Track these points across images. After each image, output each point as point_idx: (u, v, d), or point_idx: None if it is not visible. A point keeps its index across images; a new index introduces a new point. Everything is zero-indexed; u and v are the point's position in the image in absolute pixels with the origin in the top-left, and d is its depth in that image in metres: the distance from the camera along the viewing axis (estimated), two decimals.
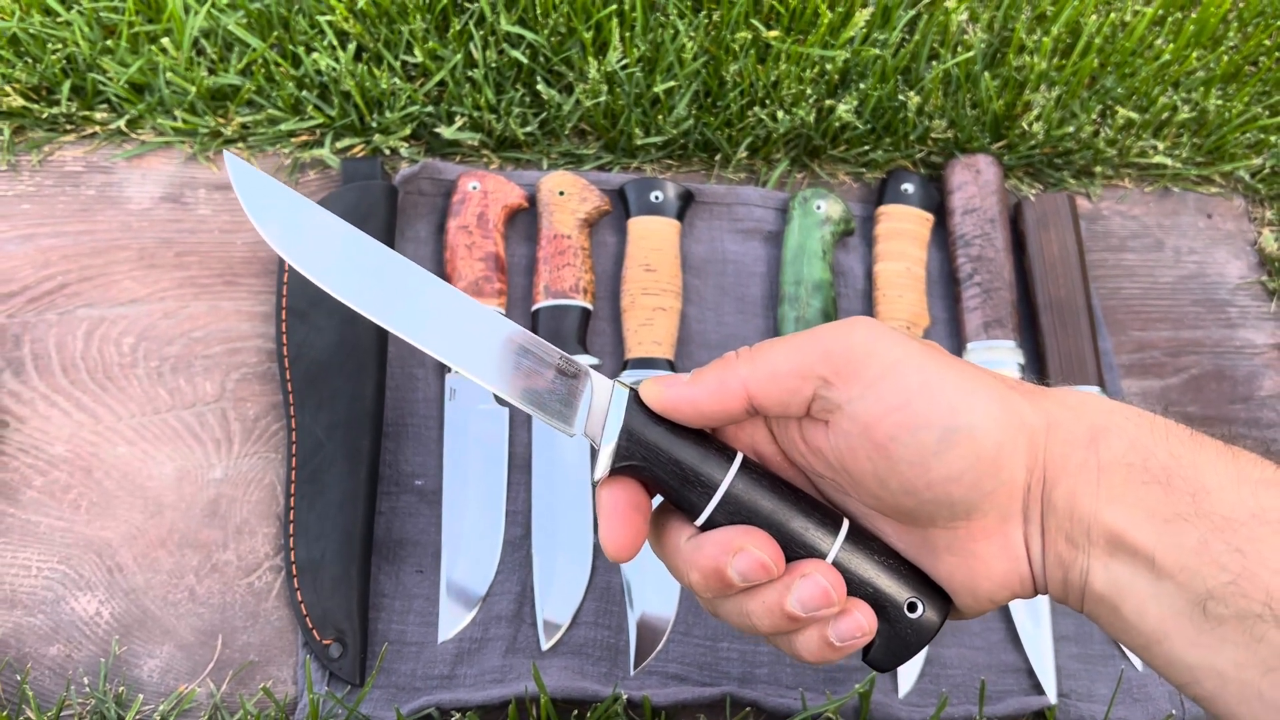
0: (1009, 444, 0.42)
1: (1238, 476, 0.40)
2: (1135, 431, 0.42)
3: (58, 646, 0.71)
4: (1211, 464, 0.41)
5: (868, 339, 0.43)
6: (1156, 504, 0.40)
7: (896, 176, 0.91)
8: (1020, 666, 0.75)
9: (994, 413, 0.42)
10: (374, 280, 0.47)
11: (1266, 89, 0.99)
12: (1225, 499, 0.39)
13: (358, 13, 0.91)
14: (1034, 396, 0.44)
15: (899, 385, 0.42)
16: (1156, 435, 0.42)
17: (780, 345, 0.45)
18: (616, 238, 0.89)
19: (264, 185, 0.49)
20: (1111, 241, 0.94)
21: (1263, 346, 0.90)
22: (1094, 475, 0.42)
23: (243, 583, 0.74)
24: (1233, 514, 0.39)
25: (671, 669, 0.73)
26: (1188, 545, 0.39)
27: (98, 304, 0.82)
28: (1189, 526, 0.39)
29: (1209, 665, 0.39)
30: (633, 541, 0.46)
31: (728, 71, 0.91)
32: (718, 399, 0.45)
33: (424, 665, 0.72)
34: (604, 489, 0.47)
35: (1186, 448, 0.41)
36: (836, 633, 0.44)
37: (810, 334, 0.44)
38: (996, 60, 0.97)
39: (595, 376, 0.48)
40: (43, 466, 0.76)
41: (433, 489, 0.78)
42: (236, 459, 0.78)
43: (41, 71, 0.88)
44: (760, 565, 0.44)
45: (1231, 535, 0.39)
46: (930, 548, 0.45)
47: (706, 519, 0.46)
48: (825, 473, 0.47)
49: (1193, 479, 0.40)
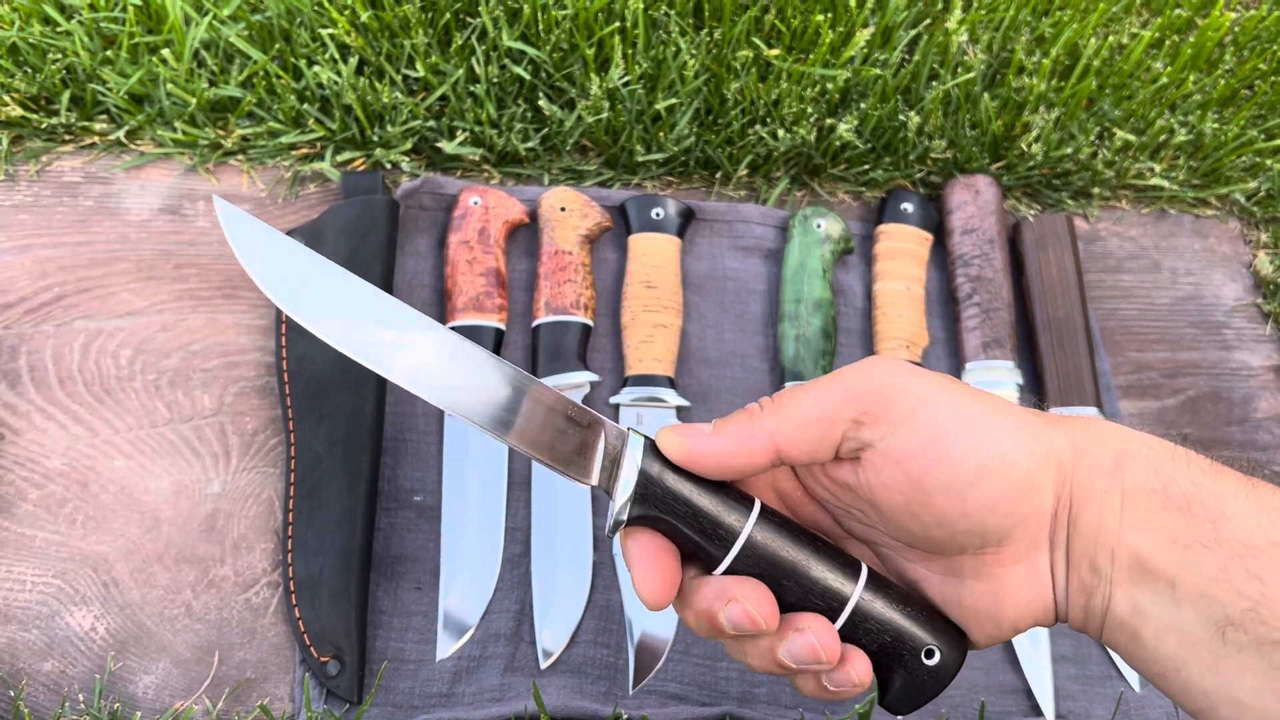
0: (1040, 471, 0.42)
1: (1258, 505, 0.41)
2: (1157, 458, 0.43)
3: (52, 662, 0.70)
4: (1232, 492, 0.41)
5: (892, 376, 0.44)
6: (1178, 530, 0.41)
7: (896, 196, 0.91)
8: (1019, 687, 0.75)
9: (1025, 441, 0.42)
10: (371, 327, 0.46)
11: (1262, 113, 1.00)
12: (1245, 526, 0.40)
13: (360, 26, 0.91)
14: (1060, 424, 0.44)
15: (931, 419, 0.42)
16: (1178, 463, 0.42)
17: (804, 393, 0.45)
18: (617, 254, 0.89)
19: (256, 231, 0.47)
20: (1109, 262, 0.94)
21: (1258, 369, 0.90)
22: (1118, 501, 0.42)
23: (240, 598, 0.73)
24: (1252, 541, 0.39)
25: (671, 688, 0.72)
26: (1208, 571, 0.40)
27: (95, 316, 0.82)
28: (1209, 553, 0.40)
29: (1226, 692, 0.39)
30: (670, 587, 0.46)
31: (729, 89, 0.92)
32: (744, 453, 0.45)
33: (422, 683, 0.71)
34: (630, 538, 0.46)
35: (1207, 476, 0.42)
36: (831, 681, 0.45)
37: (832, 378, 0.45)
38: (996, 81, 0.98)
39: (609, 425, 0.47)
40: (38, 480, 0.76)
41: (432, 505, 0.77)
42: (234, 473, 0.77)
43: (41, 81, 0.88)
44: (749, 619, 0.44)
45: (1251, 562, 0.39)
46: (956, 574, 0.45)
47: (726, 568, 0.46)
48: (851, 506, 0.47)
49: (1213, 506, 0.41)
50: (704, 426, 0.46)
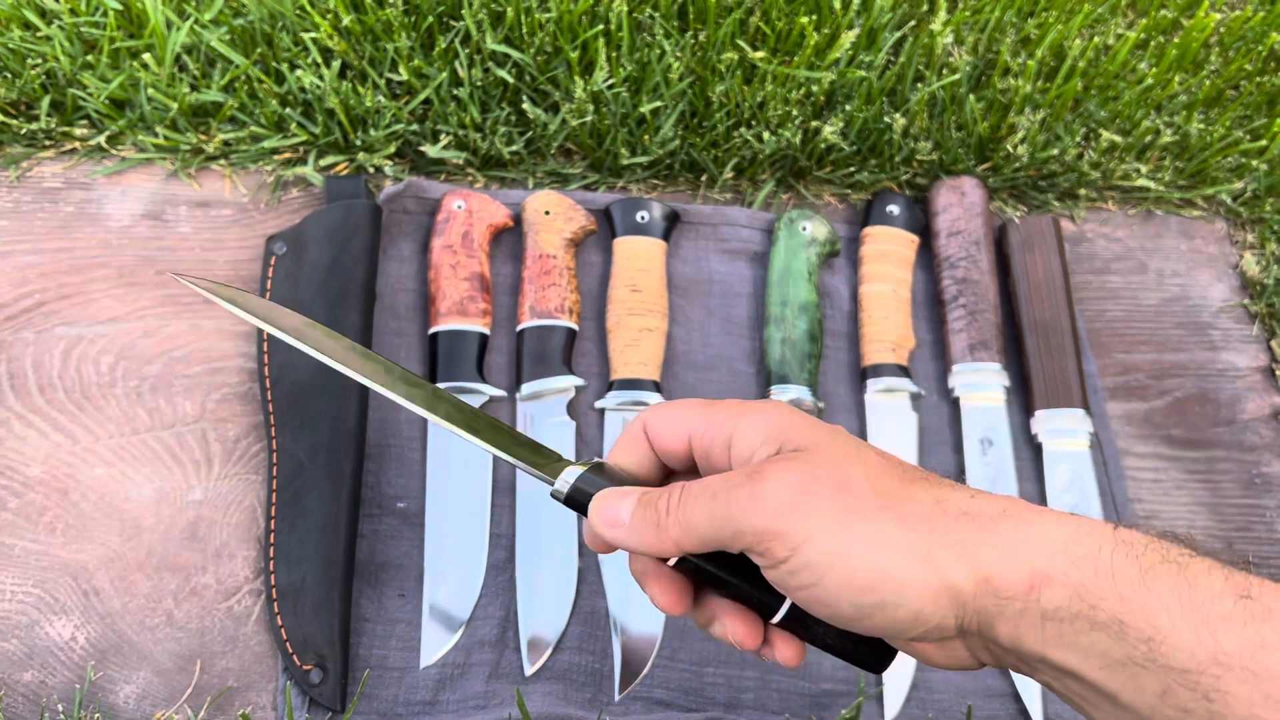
0: (929, 608, 0.41)
1: (1194, 616, 0.38)
2: (1079, 577, 0.40)
3: (31, 672, 0.69)
4: (1164, 604, 0.38)
5: (775, 514, 0.42)
6: (1108, 649, 0.39)
7: (882, 198, 0.91)
8: (1006, 691, 0.74)
9: (911, 584, 0.41)
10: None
11: (1247, 113, 1.00)
12: (1183, 646, 0.37)
13: (342, 30, 0.90)
14: (965, 549, 0.41)
15: (810, 562, 0.42)
16: (1103, 579, 0.39)
17: (702, 510, 0.44)
18: (602, 257, 0.89)
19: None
20: (1095, 264, 0.94)
21: (1245, 369, 0.90)
22: (1036, 621, 0.40)
23: (222, 607, 0.72)
24: (1191, 664, 0.37)
25: (657, 694, 0.72)
26: (1150, 689, 0.38)
27: (76, 322, 0.81)
28: (1149, 674, 0.38)
29: None
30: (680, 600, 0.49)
31: (714, 92, 0.91)
32: (654, 551, 0.46)
33: (406, 691, 0.71)
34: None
35: (1136, 590, 0.39)
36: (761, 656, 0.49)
37: (726, 504, 0.43)
38: (981, 83, 0.98)
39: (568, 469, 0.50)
40: (18, 488, 0.75)
41: (415, 511, 0.77)
42: (216, 481, 0.77)
43: (20, 86, 0.87)
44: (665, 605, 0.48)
45: (1195, 683, 0.37)
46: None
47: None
48: None
49: (1145, 625, 0.38)
50: (625, 507, 0.47)
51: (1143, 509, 0.83)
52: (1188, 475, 0.85)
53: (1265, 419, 0.88)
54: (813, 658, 0.74)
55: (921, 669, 0.75)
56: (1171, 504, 0.83)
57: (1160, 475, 0.84)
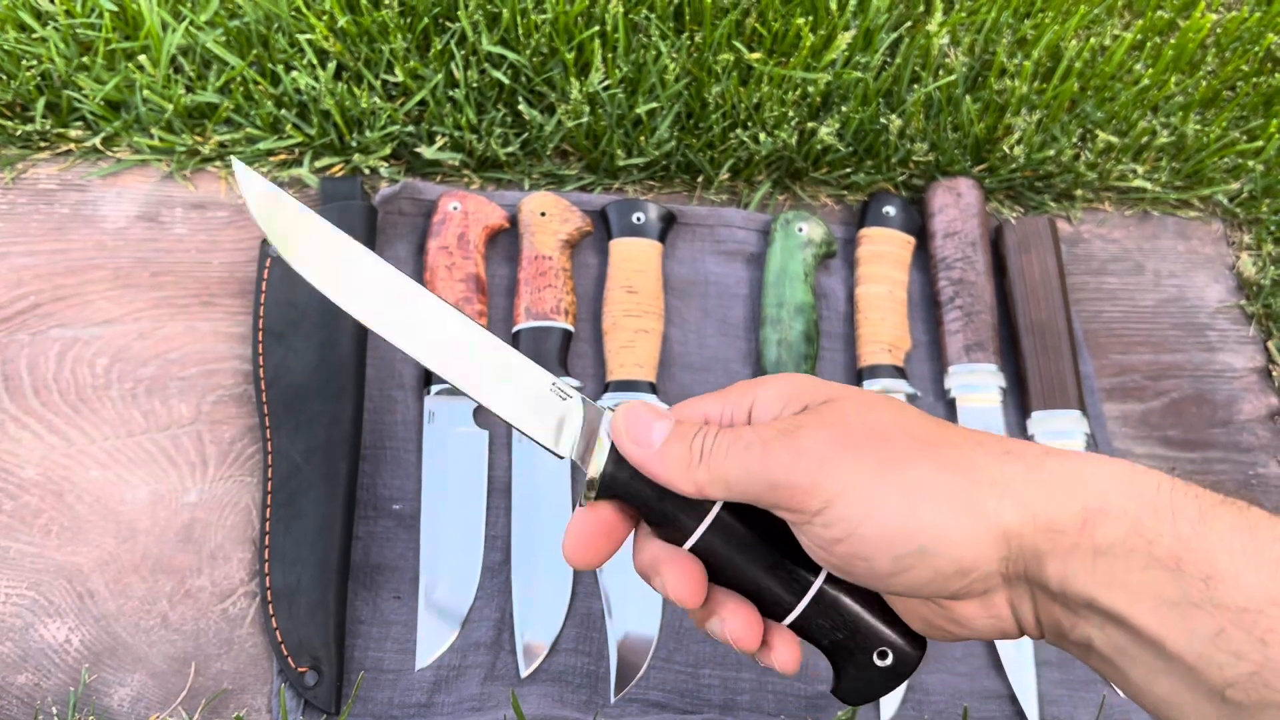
0: (973, 554, 0.40)
1: (1256, 557, 0.37)
2: (1137, 512, 0.38)
3: (26, 675, 0.69)
4: (1225, 544, 0.37)
5: (810, 468, 0.41)
6: (1163, 588, 0.37)
7: (878, 199, 0.91)
8: (1003, 693, 0.74)
9: (952, 528, 0.39)
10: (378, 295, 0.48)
11: (1244, 114, 1.00)
12: (1243, 585, 0.36)
13: (338, 31, 0.90)
14: (1010, 487, 0.40)
15: (845, 515, 0.40)
16: (1161, 516, 0.38)
17: (735, 460, 0.43)
18: (598, 259, 0.89)
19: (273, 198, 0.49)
20: (1092, 265, 0.94)
21: (1242, 370, 0.90)
22: (1088, 558, 0.39)
23: (217, 609, 0.72)
24: (1250, 603, 0.36)
25: (653, 696, 0.72)
26: (1203, 633, 0.37)
27: (71, 324, 0.81)
28: (1203, 614, 0.37)
29: None
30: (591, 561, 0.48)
31: (710, 93, 0.91)
32: (678, 485, 0.45)
33: (401, 693, 0.71)
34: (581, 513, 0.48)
35: (1195, 528, 0.38)
36: (759, 659, 0.47)
37: (762, 457, 0.42)
38: (978, 84, 0.98)
39: (587, 403, 0.48)
40: (12, 490, 0.75)
41: (411, 513, 0.77)
42: (211, 483, 0.77)
43: (15, 88, 0.87)
44: (675, 595, 0.46)
45: (1252, 624, 0.36)
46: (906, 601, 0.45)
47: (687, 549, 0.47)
48: None
49: (1204, 563, 0.37)
50: (658, 429, 0.45)
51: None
52: (1184, 476, 0.84)
53: (1261, 420, 0.88)
54: (809, 660, 0.74)
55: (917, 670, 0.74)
56: None
57: None
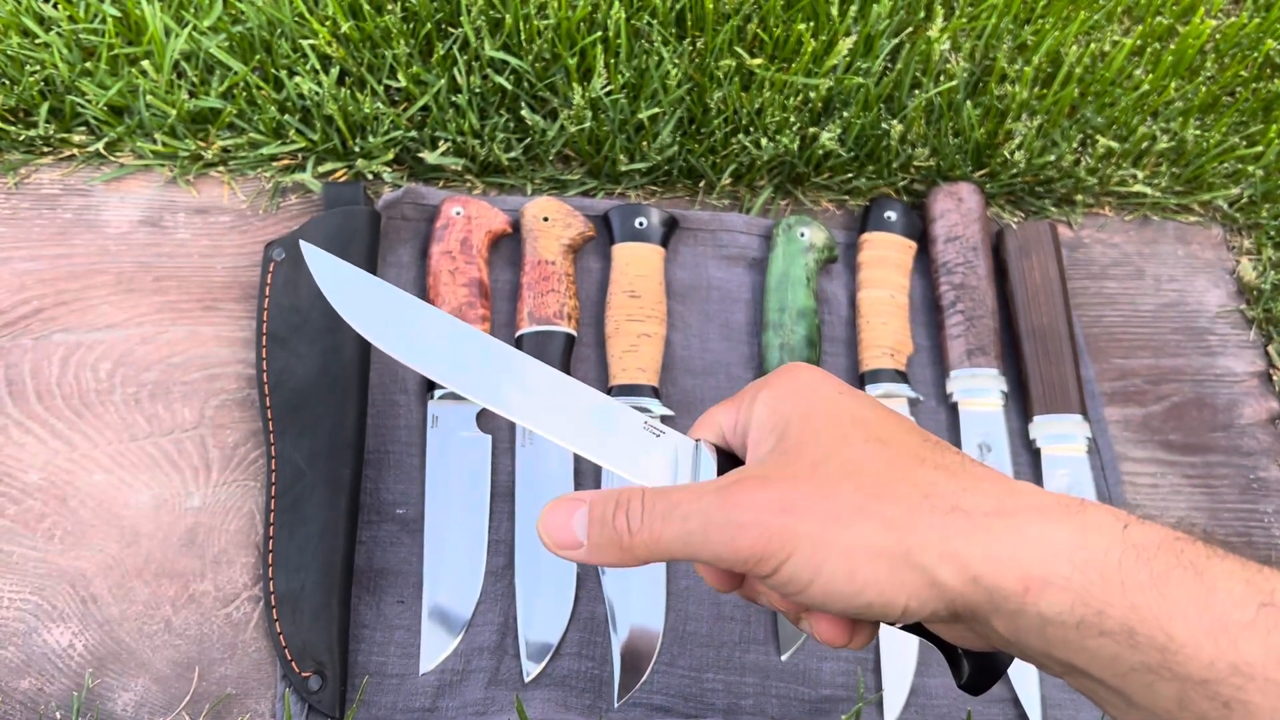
0: (917, 605, 0.40)
1: (1214, 624, 0.35)
2: (1083, 582, 0.37)
3: (29, 680, 0.69)
4: (1181, 611, 0.36)
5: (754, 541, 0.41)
6: (1118, 656, 0.37)
7: (880, 204, 0.91)
8: (1005, 696, 0.74)
9: (891, 586, 0.40)
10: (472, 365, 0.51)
11: (1243, 119, 1.01)
12: (1201, 655, 0.35)
13: (341, 37, 0.90)
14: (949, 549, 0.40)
15: (792, 576, 0.41)
16: (1110, 585, 0.37)
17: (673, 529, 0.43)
18: (601, 264, 0.89)
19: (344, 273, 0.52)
20: (1093, 269, 0.94)
21: (1242, 374, 0.90)
22: (1035, 622, 0.38)
23: (220, 614, 0.72)
24: (1211, 674, 0.35)
25: (656, 700, 0.72)
26: (1166, 696, 0.36)
27: (74, 329, 0.81)
28: (1162, 681, 0.36)
29: None
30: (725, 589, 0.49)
31: (712, 99, 0.91)
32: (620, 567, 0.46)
33: (405, 698, 0.71)
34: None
35: (1147, 596, 0.36)
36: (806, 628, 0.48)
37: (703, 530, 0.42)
38: (978, 89, 0.98)
39: (679, 437, 0.50)
40: (16, 495, 0.75)
41: (414, 518, 0.77)
42: (215, 487, 0.77)
43: (19, 93, 0.87)
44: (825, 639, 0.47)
45: (1214, 691, 0.35)
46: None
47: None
48: None
49: (1159, 634, 0.36)
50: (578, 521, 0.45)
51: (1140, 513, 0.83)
52: (1185, 480, 0.85)
53: (1262, 424, 0.88)
54: (811, 664, 0.74)
55: (920, 674, 0.75)
56: (1169, 509, 0.83)
57: (1158, 480, 0.85)
